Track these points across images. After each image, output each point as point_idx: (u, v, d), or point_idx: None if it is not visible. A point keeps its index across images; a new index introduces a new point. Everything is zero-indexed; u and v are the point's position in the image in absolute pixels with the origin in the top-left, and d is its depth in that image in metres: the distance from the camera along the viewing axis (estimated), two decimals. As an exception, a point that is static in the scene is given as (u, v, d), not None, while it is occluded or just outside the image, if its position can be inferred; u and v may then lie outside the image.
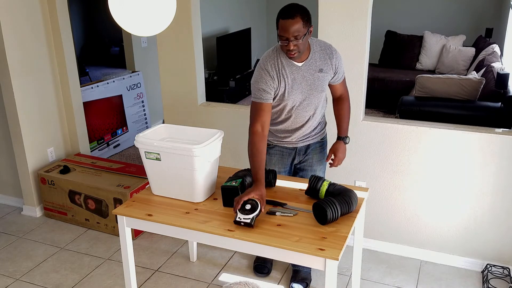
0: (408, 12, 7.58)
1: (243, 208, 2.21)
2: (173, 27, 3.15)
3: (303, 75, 2.49)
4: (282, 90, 2.49)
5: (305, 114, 2.59)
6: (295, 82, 2.48)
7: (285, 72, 2.46)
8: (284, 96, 2.51)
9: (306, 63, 2.48)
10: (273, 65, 2.46)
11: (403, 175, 3.13)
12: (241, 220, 2.18)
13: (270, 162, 2.77)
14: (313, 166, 2.79)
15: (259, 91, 2.46)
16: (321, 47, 2.53)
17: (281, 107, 2.57)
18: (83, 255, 3.39)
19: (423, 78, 4.94)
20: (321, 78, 2.52)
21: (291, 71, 2.47)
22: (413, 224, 3.20)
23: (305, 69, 2.49)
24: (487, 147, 2.88)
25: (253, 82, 2.50)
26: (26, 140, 3.78)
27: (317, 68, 2.50)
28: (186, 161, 2.34)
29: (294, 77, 2.48)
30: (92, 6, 9.77)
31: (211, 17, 6.56)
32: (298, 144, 2.71)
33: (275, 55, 2.48)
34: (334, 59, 2.54)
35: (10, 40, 3.56)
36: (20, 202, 4.08)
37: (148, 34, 2.11)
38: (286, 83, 2.47)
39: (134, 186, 3.51)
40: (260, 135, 2.45)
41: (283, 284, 3.01)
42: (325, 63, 2.52)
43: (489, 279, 2.96)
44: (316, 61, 2.50)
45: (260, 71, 2.48)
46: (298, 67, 2.47)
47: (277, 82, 2.47)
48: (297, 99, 2.53)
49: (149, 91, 5.72)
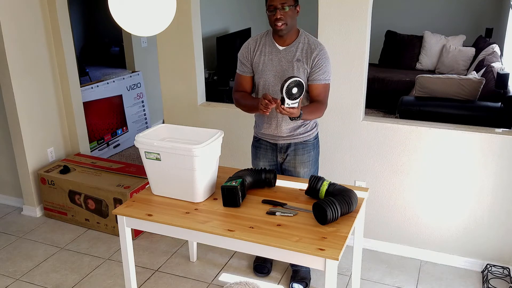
0: (408, 12, 7.58)
1: (290, 93, 2.26)
2: (173, 27, 3.15)
3: (280, 59, 2.58)
4: (256, 65, 2.63)
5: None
6: (271, 63, 2.59)
7: (265, 49, 2.60)
8: (258, 70, 2.63)
9: (287, 49, 2.57)
10: (256, 41, 2.64)
11: (403, 175, 3.13)
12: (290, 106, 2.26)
13: (256, 155, 2.85)
14: (296, 168, 2.77)
15: (239, 63, 2.70)
16: (309, 42, 2.58)
17: (257, 86, 2.68)
18: (83, 255, 3.39)
19: (423, 78, 4.94)
20: (295, 67, 2.56)
21: (271, 51, 2.59)
22: (413, 224, 3.20)
23: (284, 54, 2.58)
24: (487, 147, 2.88)
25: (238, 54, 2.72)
26: (26, 140, 3.78)
27: (295, 57, 2.56)
28: (186, 161, 2.34)
29: (272, 58, 2.59)
30: (92, 6, 9.77)
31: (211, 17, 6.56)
32: (278, 141, 2.72)
33: (262, 34, 2.65)
34: (315, 54, 2.54)
35: (10, 40, 3.56)
36: (20, 202, 4.08)
37: (148, 34, 2.11)
38: (261, 59, 2.61)
39: (134, 186, 3.51)
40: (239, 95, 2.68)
41: (283, 284, 3.01)
42: (304, 55, 2.55)
43: (489, 279, 2.96)
44: (297, 50, 2.56)
45: (245, 43, 2.69)
46: (278, 50, 2.59)
47: (253, 54, 2.62)
48: (269, 80, 2.60)
49: (149, 91, 5.72)
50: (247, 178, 2.47)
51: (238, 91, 2.72)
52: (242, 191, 2.38)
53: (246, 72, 2.67)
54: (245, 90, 2.70)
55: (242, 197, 2.38)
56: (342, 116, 3.17)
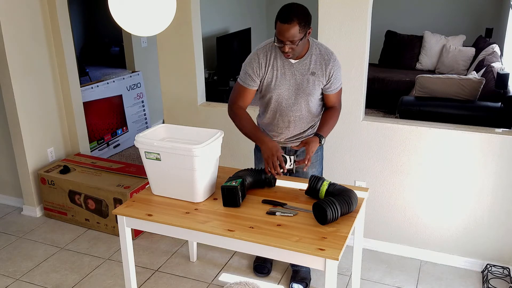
0: (408, 12, 7.58)
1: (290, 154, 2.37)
2: (173, 27, 3.15)
3: (294, 72, 2.50)
4: (269, 80, 2.52)
5: (291, 114, 2.57)
6: (284, 77, 2.51)
7: (276, 63, 2.49)
8: (271, 86, 2.53)
9: (300, 62, 2.49)
10: (266, 54, 2.50)
11: (403, 175, 3.13)
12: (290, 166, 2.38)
13: (261, 159, 2.75)
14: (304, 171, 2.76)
15: (245, 75, 2.55)
16: (321, 52, 2.50)
17: (268, 98, 2.59)
18: (83, 255, 3.39)
19: (423, 78, 4.94)
20: (311, 81, 2.50)
21: (283, 65, 2.49)
22: (413, 224, 3.20)
23: (297, 67, 2.49)
24: (487, 147, 2.88)
25: (244, 64, 2.57)
26: (26, 140, 3.78)
27: (309, 70, 2.49)
28: (186, 161, 2.34)
29: (285, 71, 2.50)
30: (92, 6, 9.77)
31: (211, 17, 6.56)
32: (287, 144, 2.70)
33: (270, 46, 2.51)
34: (330, 66, 2.49)
35: (10, 41, 3.56)
36: (20, 202, 4.08)
37: (148, 34, 2.11)
38: (274, 74, 2.50)
39: (134, 186, 3.51)
40: (242, 109, 2.59)
41: (283, 284, 3.01)
42: (318, 68, 2.49)
43: (489, 279, 2.96)
44: (310, 63, 2.49)
45: (252, 55, 2.54)
46: (291, 63, 2.49)
47: (264, 70, 2.50)
48: (283, 95, 2.53)
49: (149, 91, 5.72)
50: (247, 178, 2.47)
51: (238, 104, 2.60)
52: (242, 191, 2.37)
53: (253, 86, 2.55)
54: (246, 104, 2.61)
55: (242, 197, 2.38)
56: (342, 116, 3.15)
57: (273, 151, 2.40)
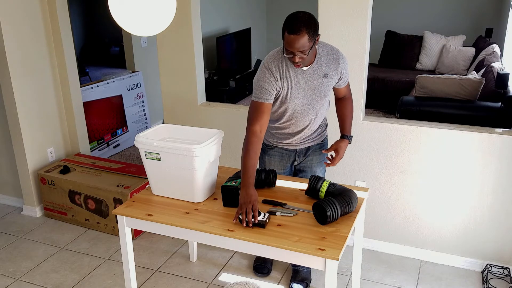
0: (408, 12, 7.58)
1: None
2: (173, 27, 3.15)
3: (307, 79, 2.44)
4: (284, 93, 2.45)
5: (306, 119, 2.57)
6: (298, 86, 2.44)
7: (289, 74, 2.42)
8: (286, 99, 2.47)
9: (312, 67, 2.43)
10: (277, 66, 2.41)
11: (403, 175, 3.13)
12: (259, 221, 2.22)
13: (270, 163, 2.77)
14: (313, 168, 2.79)
15: (260, 90, 2.41)
16: (328, 52, 2.47)
17: (282, 110, 2.53)
18: (83, 255, 3.39)
19: (423, 78, 4.94)
20: (325, 83, 2.48)
21: (295, 74, 2.43)
22: (413, 224, 3.20)
23: (310, 73, 2.44)
24: (487, 147, 2.88)
25: (256, 81, 2.45)
26: (26, 140, 3.78)
27: (322, 74, 2.45)
28: (186, 161, 2.34)
29: (298, 80, 2.44)
30: (92, 6, 9.77)
31: (211, 17, 6.56)
32: (298, 146, 2.70)
33: (280, 56, 2.43)
34: (340, 64, 2.49)
35: (10, 40, 3.56)
36: (20, 202, 4.08)
37: (148, 34, 2.11)
38: (289, 85, 2.43)
39: (134, 186, 3.51)
40: (258, 136, 2.40)
41: (283, 284, 3.01)
42: (330, 69, 2.47)
43: (489, 279, 2.96)
44: (322, 66, 2.45)
45: (264, 70, 2.43)
46: (303, 71, 2.43)
47: (280, 84, 2.42)
48: (299, 103, 2.49)
49: (149, 91, 5.72)
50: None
51: (256, 125, 2.41)
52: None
53: (270, 100, 2.43)
54: (264, 122, 2.43)
55: (242, 197, 2.38)
56: (342, 116, 3.17)
57: (251, 199, 2.24)
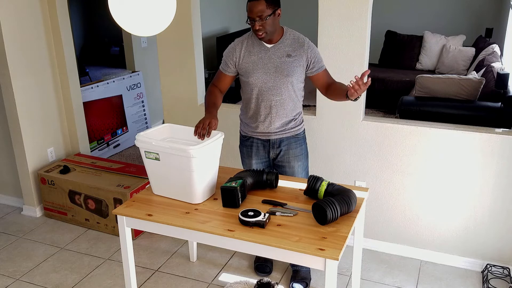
0: (408, 12, 7.58)
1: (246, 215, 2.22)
2: (173, 27, 3.15)
3: (270, 56, 2.61)
4: (246, 65, 2.64)
5: (271, 98, 2.65)
6: (260, 61, 2.62)
7: (253, 49, 2.63)
8: (249, 71, 2.64)
9: (275, 46, 2.62)
10: (242, 42, 2.67)
11: (403, 175, 3.13)
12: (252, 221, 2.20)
13: (248, 154, 2.85)
14: (290, 162, 2.80)
15: (222, 61, 2.74)
16: (294, 36, 2.64)
17: (247, 85, 2.69)
18: (83, 255, 3.39)
19: (423, 78, 4.94)
20: (288, 62, 2.60)
21: (260, 50, 2.63)
22: (413, 224, 3.20)
23: (273, 51, 2.61)
24: (487, 147, 2.88)
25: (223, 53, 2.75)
26: (26, 140, 3.78)
27: (285, 53, 2.61)
28: (184, 162, 2.33)
29: (262, 56, 2.62)
30: (92, 6, 9.77)
31: (211, 17, 6.56)
32: (271, 136, 2.74)
33: (248, 35, 2.68)
34: (305, 46, 2.61)
35: (10, 41, 3.56)
36: (20, 202, 4.08)
37: (148, 34, 2.11)
38: (251, 59, 2.63)
39: (134, 186, 3.51)
40: (215, 88, 2.75)
41: (283, 284, 3.01)
42: (294, 50, 2.61)
43: (489, 279, 2.96)
44: (285, 46, 2.61)
45: (231, 45, 2.72)
46: (267, 48, 2.62)
47: (239, 57, 2.65)
48: (261, 78, 2.63)
49: (149, 91, 5.72)
50: (248, 179, 2.46)
51: (215, 85, 2.79)
52: (242, 192, 2.37)
53: (228, 72, 2.72)
54: (222, 86, 2.78)
55: (242, 198, 2.38)
56: (342, 116, 3.17)
57: (210, 118, 2.48)
